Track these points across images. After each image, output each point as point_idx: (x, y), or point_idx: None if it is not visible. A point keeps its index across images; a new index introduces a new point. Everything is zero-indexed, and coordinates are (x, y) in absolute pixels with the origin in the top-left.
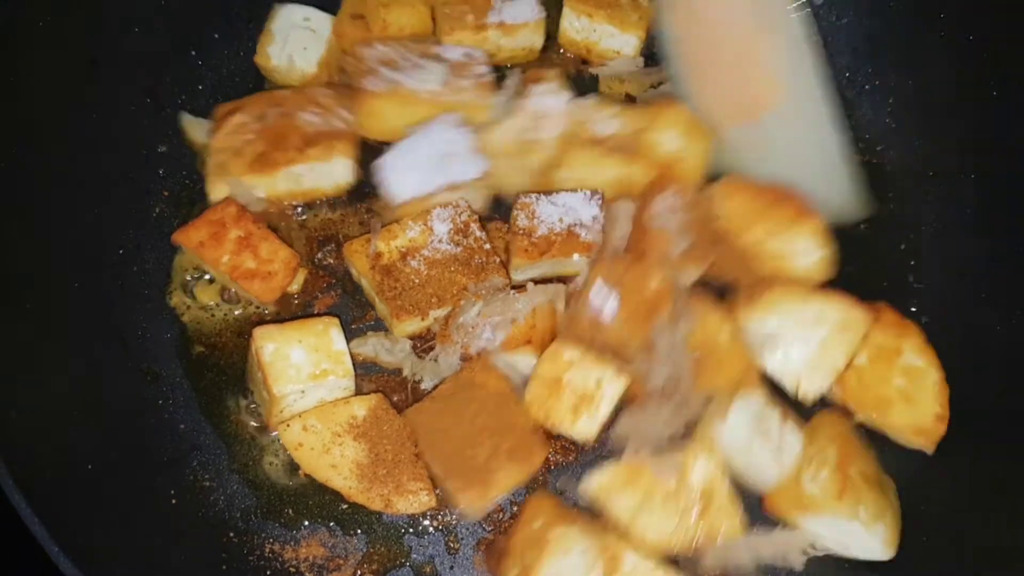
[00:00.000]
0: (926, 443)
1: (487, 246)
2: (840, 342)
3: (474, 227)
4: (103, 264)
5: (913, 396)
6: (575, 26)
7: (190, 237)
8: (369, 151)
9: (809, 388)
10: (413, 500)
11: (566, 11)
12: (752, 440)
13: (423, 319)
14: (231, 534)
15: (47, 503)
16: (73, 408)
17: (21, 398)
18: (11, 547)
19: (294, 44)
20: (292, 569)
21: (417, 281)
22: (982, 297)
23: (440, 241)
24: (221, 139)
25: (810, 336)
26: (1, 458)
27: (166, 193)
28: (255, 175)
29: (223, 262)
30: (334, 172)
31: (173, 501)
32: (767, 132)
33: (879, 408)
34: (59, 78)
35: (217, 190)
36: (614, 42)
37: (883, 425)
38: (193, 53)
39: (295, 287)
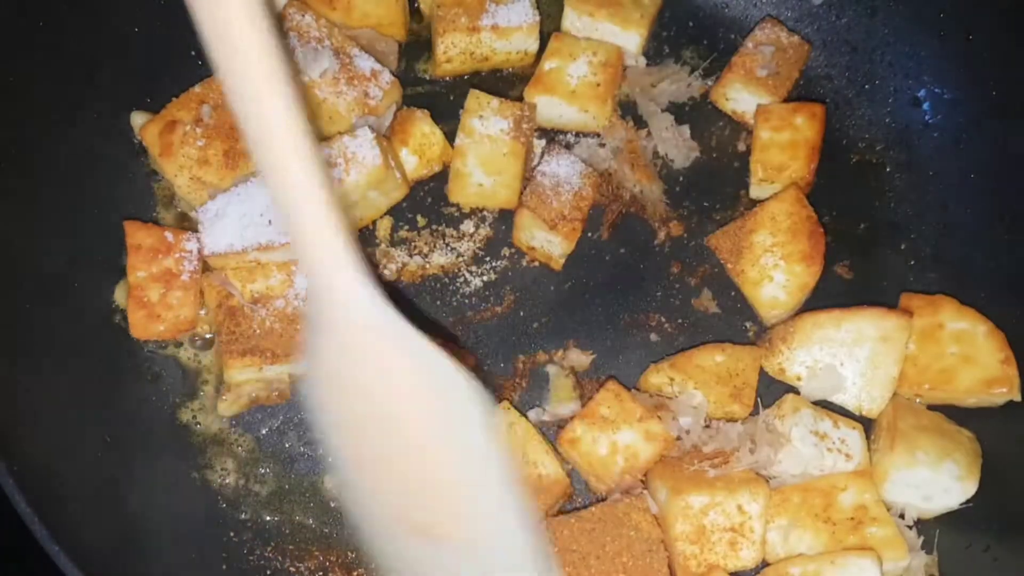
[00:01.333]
0: (1008, 390)
1: None
2: (887, 352)
3: None
4: (103, 264)
5: (971, 355)
6: (576, 25)
7: (138, 237)
8: None
9: (871, 405)
10: None
11: (567, 11)
12: (818, 450)
13: (258, 369)
14: (231, 534)
15: (47, 503)
16: (74, 408)
17: (21, 398)
18: (11, 547)
19: None
20: (292, 570)
21: (259, 331)
22: (981, 297)
23: (297, 297)
24: (176, 158)
25: (856, 355)
26: (1, 458)
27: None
28: (232, 172)
29: (137, 274)
30: None
31: (174, 501)
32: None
33: (944, 381)
34: (59, 78)
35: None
36: (616, 41)
37: (955, 396)
38: (193, 53)
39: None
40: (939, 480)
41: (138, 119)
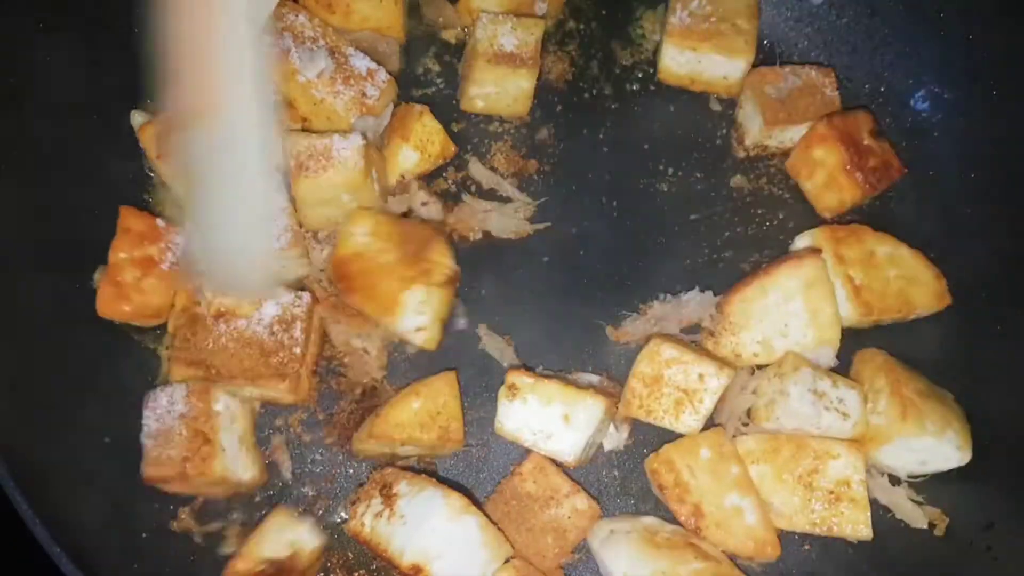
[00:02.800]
0: (946, 301)
1: (297, 350)
2: (818, 296)
3: (298, 325)
4: (102, 264)
5: (911, 275)
6: (678, 61)
7: (128, 221)
8: None
9: (827, 350)
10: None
11: (666, 47)
12: (815, 408)
13: (204, 374)
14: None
15: (47, 504)
16: (75, 409)
17: (22, 400)
18: (11, 547)
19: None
20: None
21: (212, 346)
22: (983, 297)
23: (260, 322)
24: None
25: (794, 311)
26: (1, 458)
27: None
28: None
29: (118, 255)
30: None
31: (175, 502)
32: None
33: (904, 303)
34: (59, 79)
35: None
36: (721, 71)
37: (912, 314)
38: None
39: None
40: (941, 448)
41: (138, 118)
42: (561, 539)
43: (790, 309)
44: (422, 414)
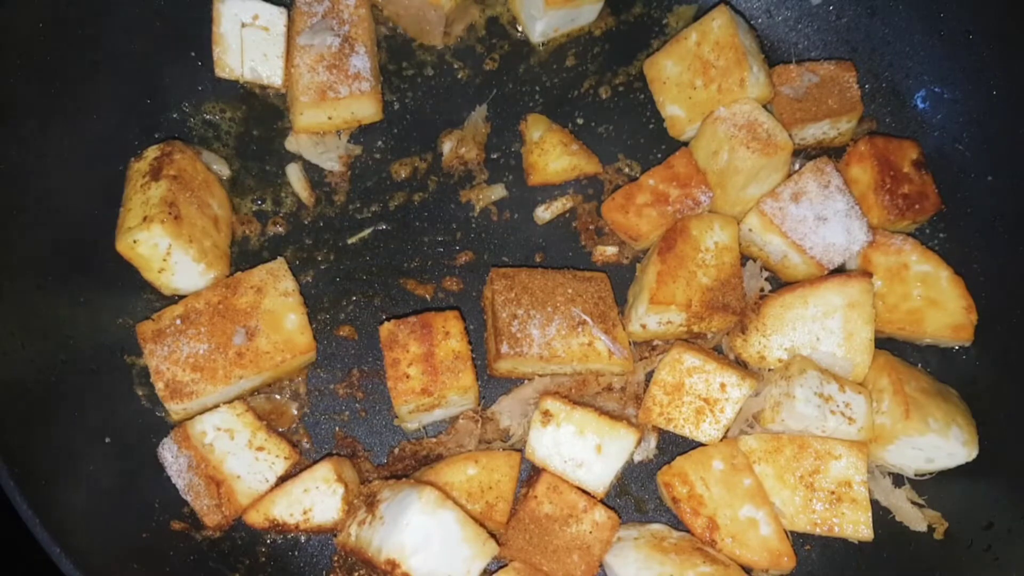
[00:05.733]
0: (965, 336)
1: None
2: (858, 317)
3: None
4: (100, 265)
5: (937, 299)
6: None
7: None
8: None
9: (856, 371)
10: None
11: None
12: (821, 412)
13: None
14: (234, 534)
15: (48, 505)
16: (75, 410)
17: (23, 400)
18: (11, 547)
19: (251, 50)
20: (294, 568)
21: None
22: (982, 296)
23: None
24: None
25: (830, 327)
26: (2, 460)
27: None
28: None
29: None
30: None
31: (175, 502)
32: None
33: (913, 321)
34: (59, 79)
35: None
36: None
37: (922, 334)
38: (193, 54)
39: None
40: (947, 445)
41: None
42: (587, 555)
43: (827, 324)
44: (473, 483)
